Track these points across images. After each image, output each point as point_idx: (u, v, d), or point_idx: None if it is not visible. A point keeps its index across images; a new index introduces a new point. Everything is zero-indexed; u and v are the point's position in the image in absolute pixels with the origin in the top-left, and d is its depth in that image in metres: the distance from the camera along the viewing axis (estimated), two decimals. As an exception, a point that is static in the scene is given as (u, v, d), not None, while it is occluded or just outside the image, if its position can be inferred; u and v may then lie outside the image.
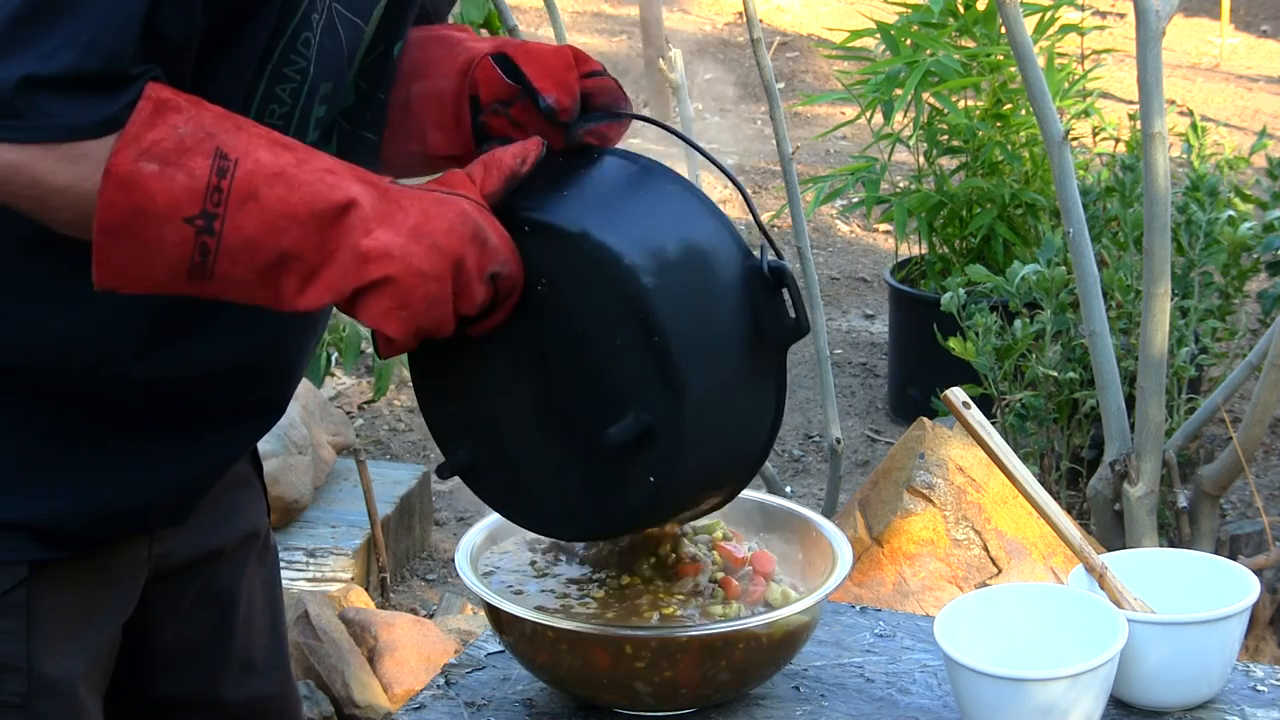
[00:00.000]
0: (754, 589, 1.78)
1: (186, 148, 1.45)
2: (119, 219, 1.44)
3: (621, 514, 1.61)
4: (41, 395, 1.61)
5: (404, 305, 1.49)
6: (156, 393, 1.65)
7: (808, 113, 7.76)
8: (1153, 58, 3.43)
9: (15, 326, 1.59)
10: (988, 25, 5.07)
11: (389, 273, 1.48)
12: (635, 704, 1.75)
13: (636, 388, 1.54)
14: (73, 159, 1.44)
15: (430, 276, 1.49)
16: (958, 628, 1.73)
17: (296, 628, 3.58)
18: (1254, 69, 8.89)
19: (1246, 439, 3.66)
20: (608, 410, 1.55)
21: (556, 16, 3.79)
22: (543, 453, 1.61)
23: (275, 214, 1.46)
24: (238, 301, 1.53)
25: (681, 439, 1.55)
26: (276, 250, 1.47)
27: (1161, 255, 3.47)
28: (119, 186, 1.43)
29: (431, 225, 1.50)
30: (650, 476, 1.56)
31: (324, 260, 1.48)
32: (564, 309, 1.56)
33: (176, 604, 1.82)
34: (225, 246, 1.46)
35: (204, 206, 1.45)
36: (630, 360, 1.54)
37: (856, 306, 6.19)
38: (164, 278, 1.48)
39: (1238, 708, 1.79)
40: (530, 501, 1.64)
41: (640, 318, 1.52)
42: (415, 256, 1.49)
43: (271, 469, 3.97)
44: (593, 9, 9.88)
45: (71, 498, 1.64)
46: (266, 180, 1.46)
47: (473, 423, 1.64)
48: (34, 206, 1.47)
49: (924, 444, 3.39)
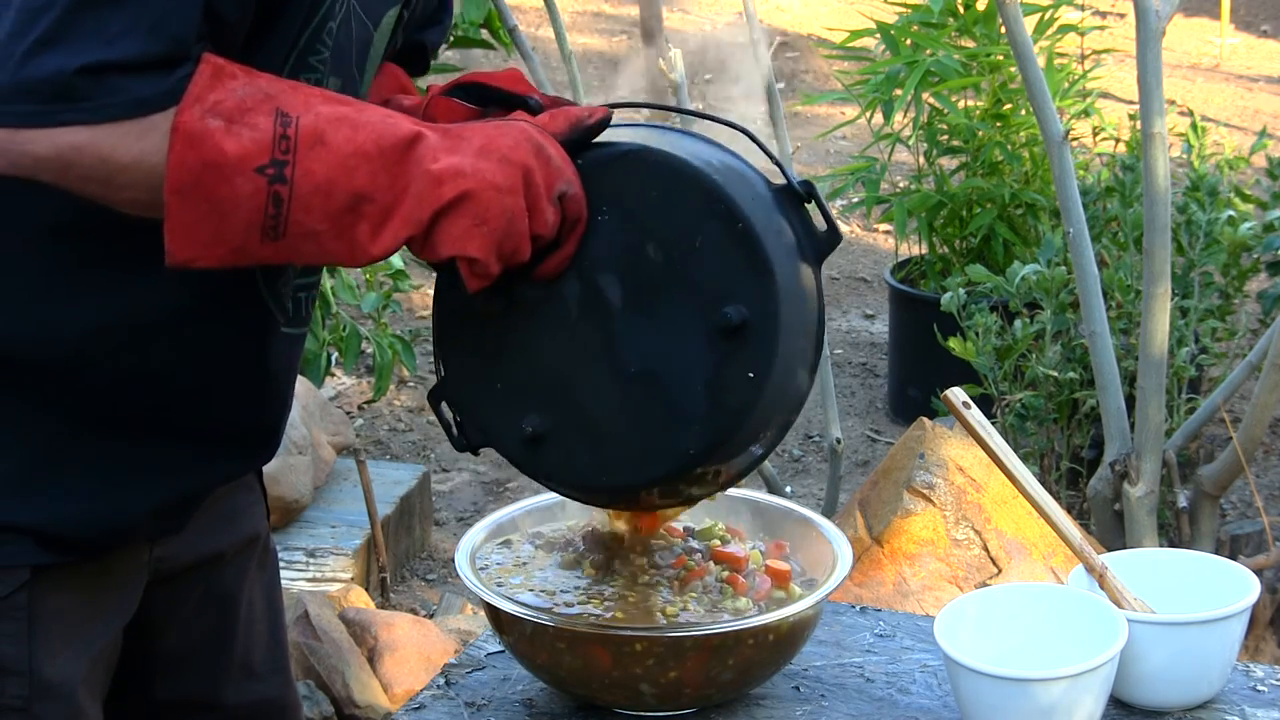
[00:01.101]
0: (761, 586, 1.78)
1: (247, 107, 1.46)
2: (190, 176, 1.44)
3: (723, 422, 1.58)
4: (50, 397, 1.61)
5: (483, 220, 1.51)
6: (162, 394, 1.65)
7: (808, 113, 7.76)
8: (1153, 58, 3.43)
9: (31, 318, 1.59)
10: (988, 25, 5.07)
11: (464, 189, 1.50)
12: (637, 704, 1.75)
13: (725, 283, 1.56)
14: (139, 133, 1.44)
15: (504, 189, 1.51)
16: (958, 628, 1.73)
17: (296, 628, 3.58)
18: (1254, 69, 8.90)
19: (1246, 439, 3.66)
20: (698, 318, 1.57)
21: (556, 16, 3.79)
22: (623, 392, 1.60)
23: (344, 154, 1.48)
24: (311, 262, 1.53)
25: (776, 324, 1.57)
26: (349, 192, 1.48)
27: (1161, 255, 3.47)
28: (188, 143, 1.44)
29: (497, 143, 1.53)
30: (750, 373, 1.57)
31: (396, 198, 1.49)
32: (634, 229, 1.58)
33: (179, 607, 1.82)
34: (298, 194, 1.47)
35: (273, 155, 1.46)
36: (714, 257, 1.57)
37: (856, 306, 6.19)
38: (238, 239, 1.47)
39: (1238, 708, 1.79)
40: (617, 449, 1.61)
41: (719, 209, 1.57)
42: (487, 171, 1.51)
43: (271, 469, 3.97)
44: (593, 9, 9.89)
45: (75, 503, 1.63)
46: (331, 124, 1.48)
47: (533, 393, 1.62)
48: (99, 187, 1.47)
49: (924, 444, 3.39)
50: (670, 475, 1.61)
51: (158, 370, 1.63)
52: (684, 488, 1.65)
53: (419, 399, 5.36)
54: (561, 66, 3.94)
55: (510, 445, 1.64)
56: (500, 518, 1.90)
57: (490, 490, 4.89)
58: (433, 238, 1.51)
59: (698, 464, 1.60)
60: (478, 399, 1.65)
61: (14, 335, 1.59)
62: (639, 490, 1.64)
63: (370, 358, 5.03)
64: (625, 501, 1.71)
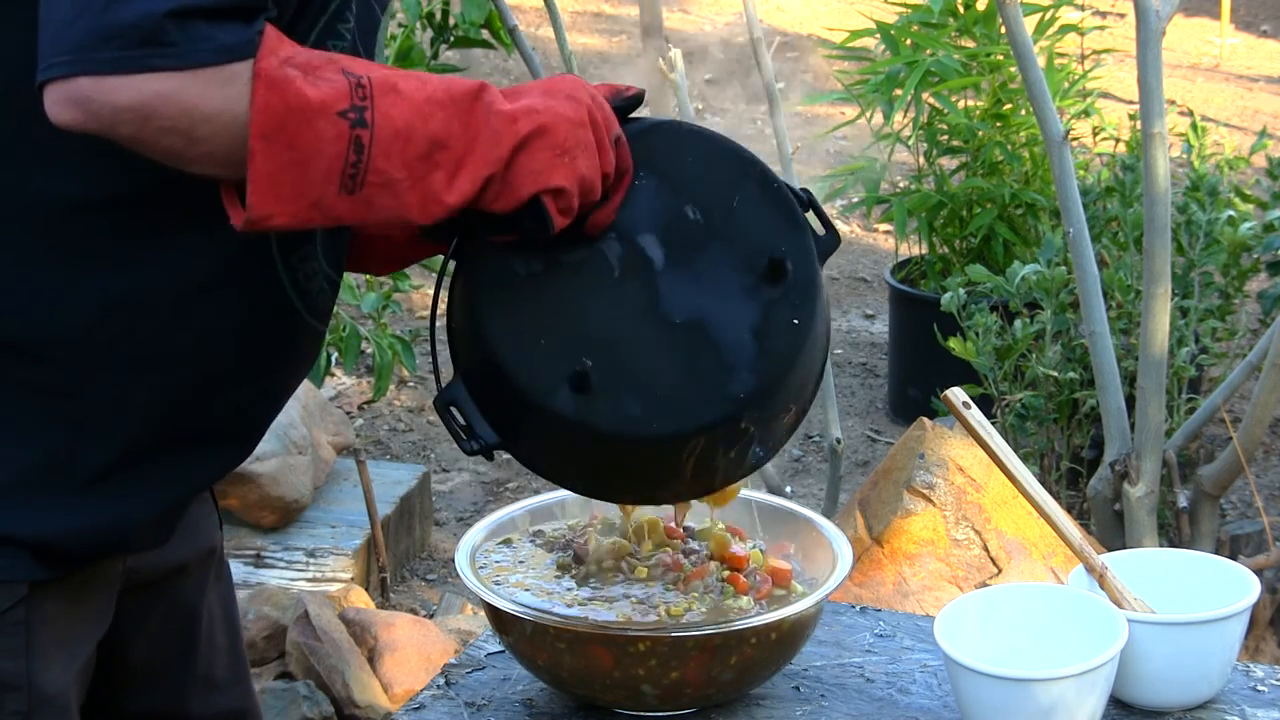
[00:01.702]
0: (761, 585, 1.78)
1: (315, 64, 1.47)
2: (275, 120, 1.44)
3: (772, 367, 1.62)
4: (55, 395, 1.60)
5: (563, 149, 1.54)
6: (172, 389, 1.63)
7: (808, 113, 7.76)
8: (1153, 58, 3.43)
9: (44, 298, 1.58)
10: (988, 25, 5.07)
11: (540, 123, 1.53)
12: (638, 704, 1.75)
13: (765, 238, 1.64)
14: (222, 81, 1.43)
15: (576, 121, 1.55)
16: (958, 628, 1.73)
17: (296, 628, 3.58)
18: (1254, 69, 8.90)
19: (1246, 439, 3.65)
20: (739, 271, 1.62)
21: (556, 16, 3.79)
22: (671, 342, 1.62)
23: (418, 100, 1.49)
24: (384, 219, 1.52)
25: (814, 273, 1.64)
26: (426, 137, 1.49)
27: (1161, 255, 3.47)
28: (271, 87, 1.44)
29: (558, 86, 1.57)
30: (794, 319, 1.62)
31: (469, 144, 1.51)
32: (671, 192, 1.64)
33: (145, 619, 1.81)
34: (378, 138, 1.47)
35: (353, 101, 1.46)
36: (752, 215, 1.65)
37: (856, 306, 6.19)
38: (317, 189, 1.47)
39: (1238, 708, 1.79)
40: (668, 396, 1.61)
41: (754, 171, 1.66)
42: (557, 105, 1.55)
43: (271, 469, 3.98)
44: (593, 9, 9.88)
45: (75, 514, 1.62)
46: (400, 77, 1.50)
47: (581, 344, 1.62)
48: (178, 140, 1.45)
49: (924, 444, 3.39)
50: (720, 421, 1.61)
51: (170, 361, 1.62)
52: (721, 451, 1.64)
53: (419, 399, 5.36)
54: (561, 67, 3.94)
55: (557, 401, 1.60)
56: (500, 517, 1.90)
57: (490, 490, 4.89)
58: (513, 177, 1.53)
59: (746, 409, 1.61)
60: (522, 357, 1.62)
61: (21, 323, 1.58)
62: (688, 439, 1.61)
63: (370, 358, 5.03)
64: (662, 466, 1.66)
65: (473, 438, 1.65)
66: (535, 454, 1.67)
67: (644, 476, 1.67)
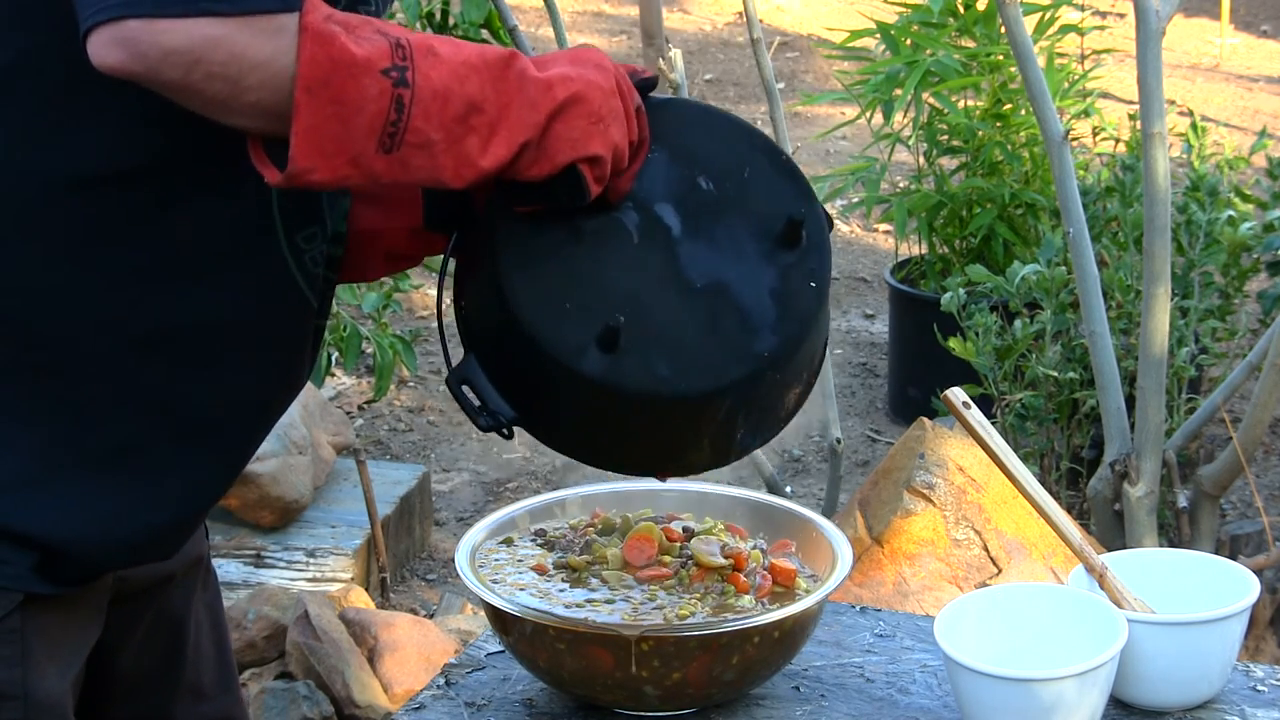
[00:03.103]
0: (762, 584, 1.78)
1: (355, 24, 1.48)
2: (322, 73, 1.44)
3: (794, 327, 1.65)
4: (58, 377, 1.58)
5: (598, 117, 1.56)
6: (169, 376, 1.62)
7: (808, 113, 7.76)
8: (1153, 58, 3.43)
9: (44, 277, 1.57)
10: (988, 25, 5.07)
11: (574, 90, 1.55)
12: (639, 705, 1.75)
13: (777, 204, 1.67)
14: (271, 31, 1.44)
15: (609, 91, 1.57)
16: (958, 628, 1.73)
17: (296, 628, 3.58)
18: (1254, 69, 8.90)
19: (1246, 439, 3.66)
20: (755, 238, 1.65)
21: (556, 16, 3.79)
22: (693, 305, 1.64)
23: (456, 63, 1.51)
24: (419, 179, 1.53)
25: (825, 238, 1.68)
26: (464, 99, 1.50)
27: (1161, 255, 3.47)
28: (318, 41, 1.44)
29: (585, 56, 1.59)
30: (811, 281, 1.65)
31: (502, 109, 1.52)
32: (684, 164, 1.66)
33: (133, 629, 1.80)
34: (419, 98, 1.48)
35: (394, 60, 1.47)
36: (763, 184, 1.68)
37: (856, 306, 6.19)
38: (357, 145, 1.47)
39: (1238, 708, 1.79)
40: (694, 355, 1.63)
41: (762, 144, 1.70)
42: (590, 74, 1.57)
43: (271, 469, 3.98)
44: (593, 9, 9.88)
45: (82, 514, 1.61)
46: (436, 40, 1.51)
47: (607, 306, 1.63)
48: (225, 86, 1.45)
49: (924, 444, 3.39)
50: (747, 378, 1.63)
51: (173, 344, 1.61)
52: (742, 416, 1.66)
53: (419, 399, 5.36)
54: (561, 66, 3.94)
55: (586, 362, 1.60)
56: (500, 517, 1.90)
57: (490, 490, 4.89)
58: (549, 145, 1.54)
59: (771, 367, 1.64)
60: (549, 320, 1.62)
61: (20, 304, 1.57)
62: (716, 397, 1.63)
63: (370, 358, 5.03)
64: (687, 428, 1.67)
65: (487, 414, 1.65)
66: (553, 424, 1.67)
67: (665, 443, 1.67)
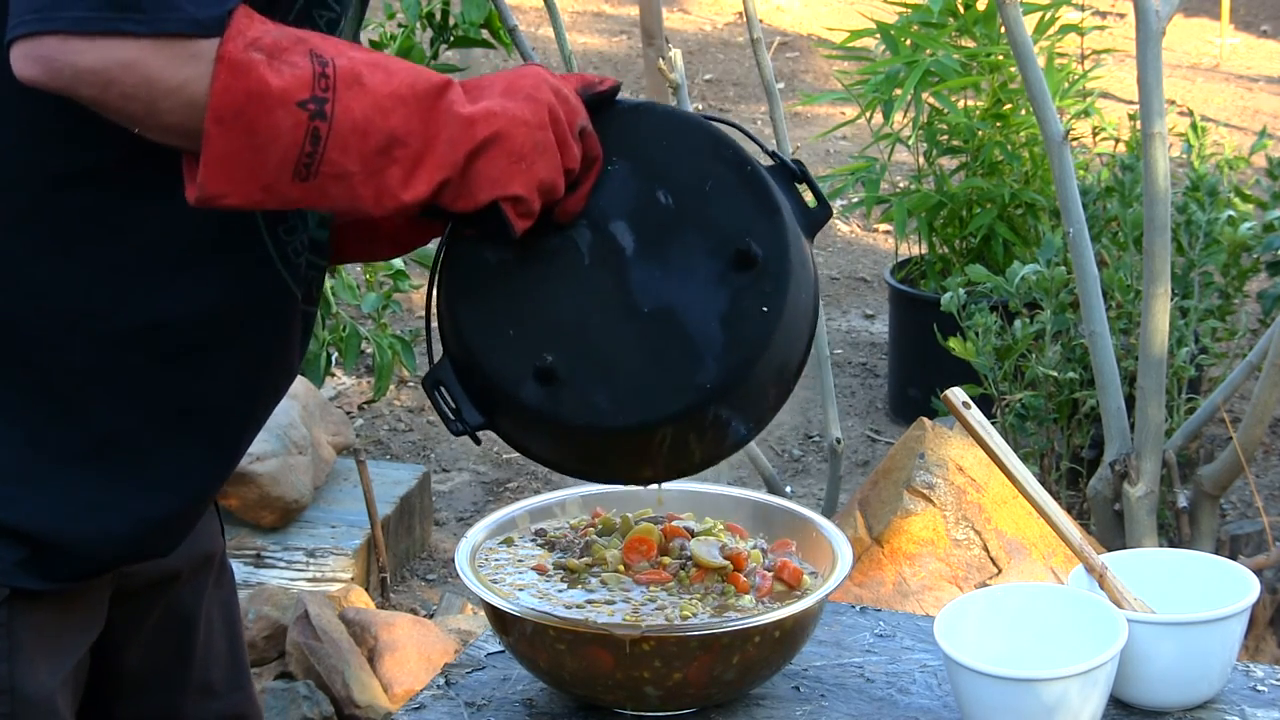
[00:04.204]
0: (762, 584, 1.78)
1: (284, 46, 1.46)
2: (234, 105, 1.43)
3: (740, 356, 1.59)
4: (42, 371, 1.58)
5: (520, 156, 1.53)
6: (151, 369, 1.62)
7: (808, 113, 7.76)
8: (1153, 58, 3.43)
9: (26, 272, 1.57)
10: (988, 25, 5.07)
11: (497, 128, 1.52)
12: (640, 705, 1.75)
13: (737, 223, 1.61)
14: (186, 57, 1.43)
15: (535, 125, 1.54)
16: (958, 628, 1.73)
17: (296, 628, 3.58)
18: (1254, 69, 8.90)
19: (1246, 439, 3.66)
20: (710, 258, 1.60)
21: (556, 16, 3.79)
22: (638, 331, 1.61)
23: (381, 95, 1.48)
24: (338, 208, 1.52)
25: (787, 260, 1.61)
26: (385, 133, 1.48)
27: (1161, 255, 3.47)
28: (233, 71, 1.43)
29: (519, 84, 1.56)
30: (764, 307, 1.60)
31: (428, 142, 1.50)
32: (644, 176, 1.62)
33: (139, 626, 1.80)
34: (336, 131, 1.46)
35: (314, 91, 1.46)
36: (725, 199, 1.62)
37: (856, 306, 6.19)
38: (270, 175, 1.47)
39: (1238, 708, 1.79)
40: (634, 386, 1.61)
41: (727, 154, 1.63)
42: (515, 109, 1.53)
43: (271, 469, 3.97)
44: (593, 9, 9.88)
45: (68, 506, 1.61)
46: (367, 68, 1.49)
47: (548, 337, 1.63)
48: (140, 108, 1.45)
49: (924, 444, 3.39)
50: (686, 411, 1.60)
51: (155, 336, 1.60)
52: (694, 436, 1.63)
53: (419, 399, 5.36)
54: (561, 66, 3.94)
55: (525, 392, 1.61)
56: (500, 517, 1.90)
57: (490, 490, 4.89)
58: (470, 181, 1.52)
59: (713, 400, 1.60)
60: (491, 347, 1.63)
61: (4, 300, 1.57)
62: (655, 428, 1.61)
63: (370, 358, 5.03)
64: (636, 454, 1.66)
65: (459, 419, 1.65)
66: (514, 438, 1.68)
67: (617, 462, 1.68)
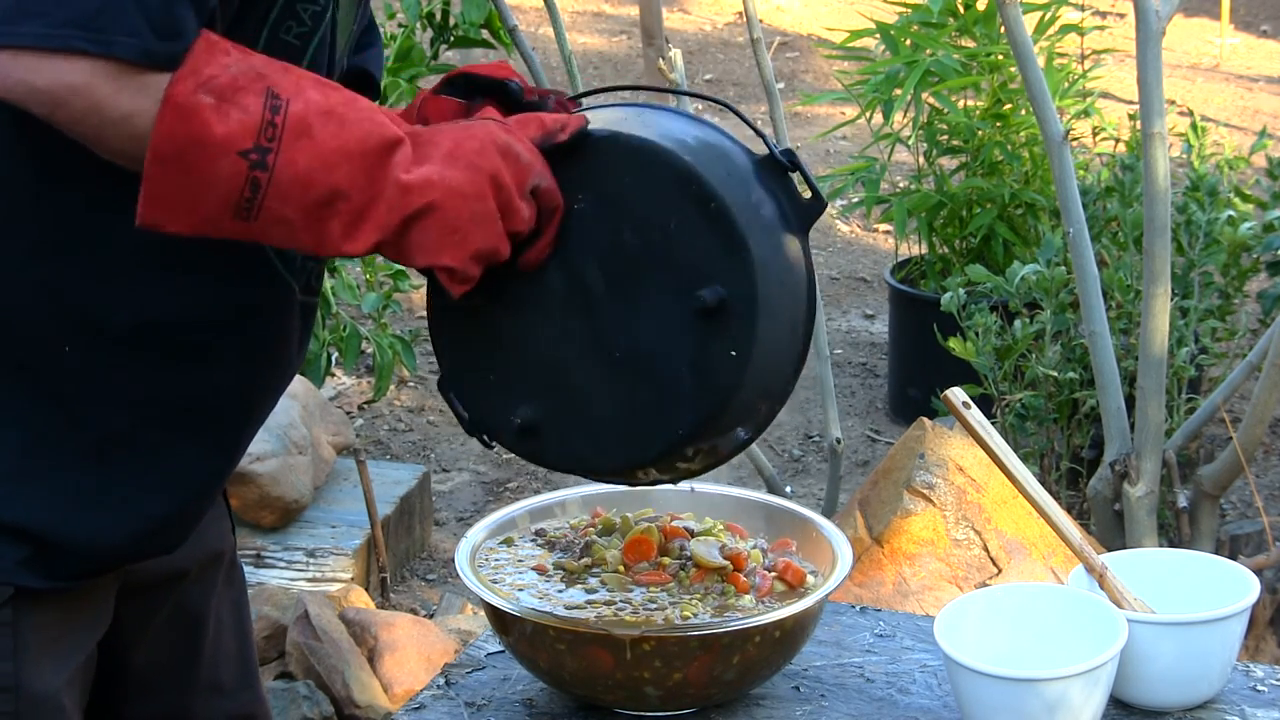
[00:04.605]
0: (762, 584, 1.78)
1: (240, 85, 1.45)
2: (174, 147, 1.44)
3: (711, 401, 1.59)
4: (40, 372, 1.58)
5: (453, 229, 1.52)
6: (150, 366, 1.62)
7: (808, 113, 7.76)
8: (1153, 58, 3.43)
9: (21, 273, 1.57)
10: (988, 25, 5.07)
11: (430, 199, 1.50)
12: (640, 705, 1.75)
13: (702, 264, 1.58)
14: (135, 89, 1.43)
15: (471, 195, 1.52)
16: (958, 628, 1.73)
17: (296, 628, 3.58)
18: (1254, 69, 8.90)
19: (1246, 439, 3.65)
20: (678, 300, 1.58)
21: (556, 16, 3.79)
22: (611, 376, 1.61)
23: (328, 150, 1.47)
24: (280, 245, 1.54)
25: (755, 303, 1.58)
26: (327, 187, 1.48)
27: (1161, 255, 3.47)
28: (177, 115, 1.43)
29: (464, 149, 1.53)
30: (732, 351, 1.58)
31: (370, 201, 1.49)
32: (609, 216, 1.60)
33: (147, 624, 1.80)
34: (276, 181, 1.46)
35: (258, 141, 1.45)
36: (689, 238, 1.58)
37: (856, 306, 6.19)
38: (209, 212, 1.47)
39: (1238, 708, 1.79)
40: (610, 432, 1.63)
41: (692, 190, 1.57)
42: (453, 179, 1.51)
43: (271, 469, 3.97)
44: (593, 9, 9.88)
45: (72, 504, 1.61)
46: (320, 117, 1.48)
47: (527, 381, 1.64)
48: (90, 132, 1.46)
49: (924, 444, 3.39)
50: (662, 455, 1.62)
51: (154, 333, 1.61)
52: (680, 464, 1.65)
53: (419, 399, 5.36)
54: (561, 66, 3.94)
55: (506, 436, 1.65)
56: (500, 517, 1.90)
57: (490, 490, 4.89)
58: (405, 248, 1.52)
59: (689, 443, 1.61)
60: (473, 391, 1.66)
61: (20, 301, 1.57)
62: (635, 469, 1.64)
63: (370, 358, 5.03)
64: (625, 479, 1.71)
65: (472, 424, 1.67)
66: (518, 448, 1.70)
67: (614, 479, 1.72)
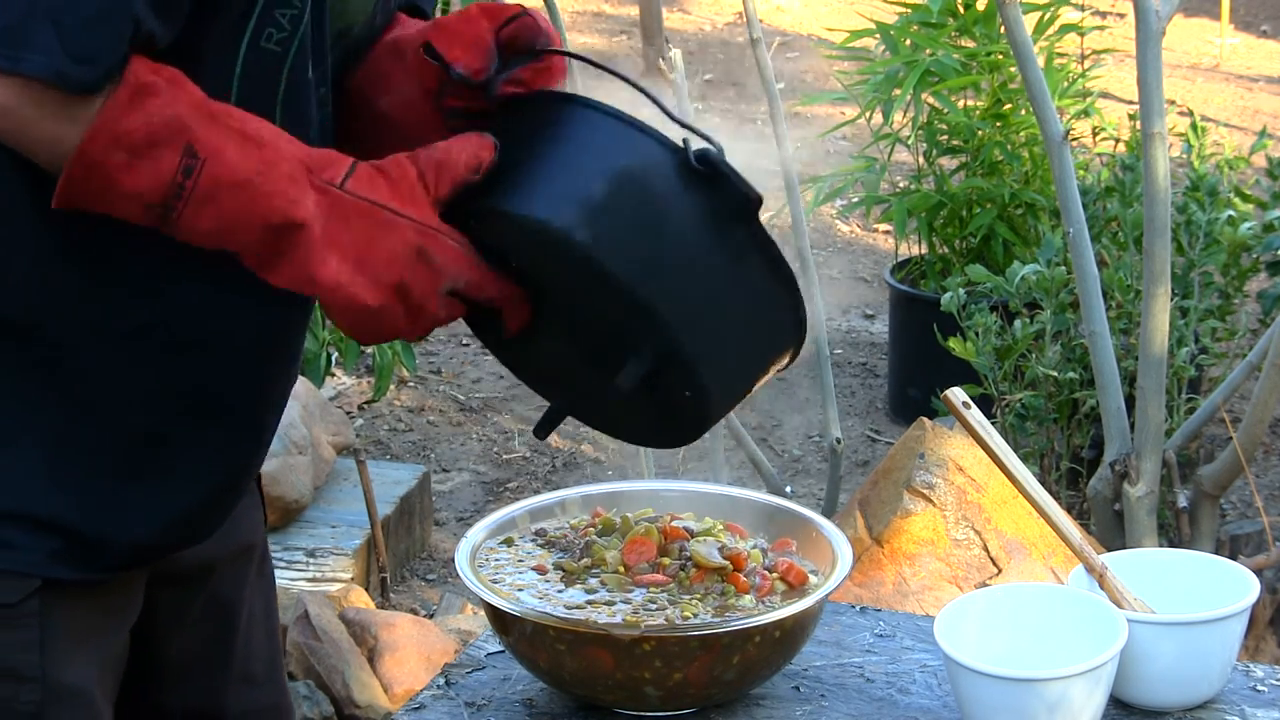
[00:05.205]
0: (762, 583, 1.78)
1: (157, 140, 1.47)
2: (80, 195, 1.49)
3: (691, 430, 1.68)
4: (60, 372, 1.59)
5: (352, 328, 1.57)
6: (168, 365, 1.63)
7: (808, 113, 7.75)
8: (1153, 58, 3.43)
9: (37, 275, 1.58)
10: (987, 25, 5.07)
11: (333, 303, 1.54)
12: (640, 705, 1.75)
13: (622, 332, 1.59)
14: (60, 117, 1.46)
15: (372, 310, 1.55)
16: (958, 628, 1.72)
17: (296, 628, 3.58)
18: (1254, 69, 8.90)
19: (1246, 439, 3.66)
20: (617, 358, 1.61)
21: (556, 16, 3.79)
22: (610, 407, 1.72)
23: (230, 219, 1.51)
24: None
25: (684, 354, 1.58)
26: (230, 244, 1.53)
27: (1161, 255, 3.47)
28: (86, 170, 1.47)
29: (374, 255, 1.54)
30: (686, 392, 1.62)
31: (275, 261, 1.53)
32: (539, 284, 1.62)
33: (182, 614, 1.81)
34: (180, 229, 1.52)
35: (165, 199, 1.49)
36: (602, 308, 1.59)
37: (856, 306, 6.19)
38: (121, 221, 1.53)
39: (1238, 708, 1.79)
40: (628, 425, 1.76)
41: (589, 269, 1.55)
42: (358, 289, 1.54)
43: (271, 469, 3.97)
44: (593, 9, 9.88)
45: (102, 500, 1.62)
46: (230, 188, 1.50)
47: (550, 381, 1.76)
48: (21, 148, 1.50)
49: (924, 444, 3.39)
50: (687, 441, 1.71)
51: (167, 331, 1.62)
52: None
53: (419, 399, 5.36)
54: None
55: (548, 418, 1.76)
56: (500, 517, 1.90)
57: (490, 490, 4.89)
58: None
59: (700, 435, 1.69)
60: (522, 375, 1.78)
61: (17, 303, 1.58)
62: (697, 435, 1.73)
63: (370, 358, 5.03)
64: None
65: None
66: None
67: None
